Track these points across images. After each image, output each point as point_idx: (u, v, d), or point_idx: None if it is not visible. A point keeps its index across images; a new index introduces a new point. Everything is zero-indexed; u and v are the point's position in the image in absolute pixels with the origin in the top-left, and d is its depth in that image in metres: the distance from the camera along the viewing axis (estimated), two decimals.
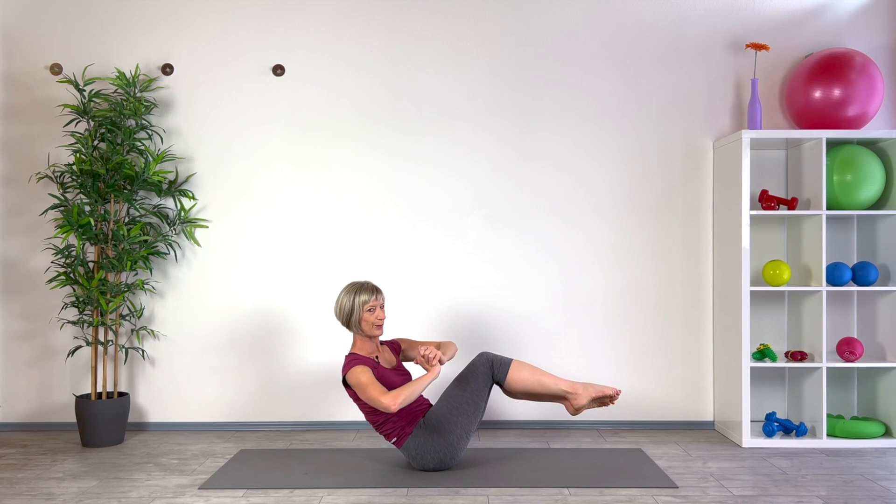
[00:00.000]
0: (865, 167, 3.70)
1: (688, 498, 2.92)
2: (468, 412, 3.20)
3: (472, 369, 3.25)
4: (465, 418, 3.19)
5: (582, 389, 3.30)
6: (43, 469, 3.36)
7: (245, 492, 3.02)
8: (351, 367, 3.16)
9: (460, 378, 3.27)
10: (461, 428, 3.19)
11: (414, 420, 3.22)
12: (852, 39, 4.05)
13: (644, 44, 4.07)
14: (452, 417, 3.18)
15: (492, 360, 3.26)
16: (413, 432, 3.20)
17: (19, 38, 4.07)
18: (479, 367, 3.25)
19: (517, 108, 4.06)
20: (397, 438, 3.21)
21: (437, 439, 3.17)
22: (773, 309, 4.04)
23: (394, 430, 3.21)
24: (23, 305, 4.06)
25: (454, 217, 4.06)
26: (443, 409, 3.21)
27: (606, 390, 3.31)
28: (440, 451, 3.18)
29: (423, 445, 3.18)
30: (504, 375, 3.24)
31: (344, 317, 3.30)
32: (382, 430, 3.24)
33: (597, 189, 4.06)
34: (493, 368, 3.25)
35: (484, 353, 3.30)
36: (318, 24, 4.07)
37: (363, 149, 4.06)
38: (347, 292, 3.30)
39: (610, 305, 4.05)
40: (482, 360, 3.27)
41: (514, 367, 3.25)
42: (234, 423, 4.05)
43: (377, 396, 3.02)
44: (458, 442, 3.20)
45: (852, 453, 3.55)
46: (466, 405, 3.20)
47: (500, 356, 3.29)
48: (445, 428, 3.18)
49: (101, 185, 3.80)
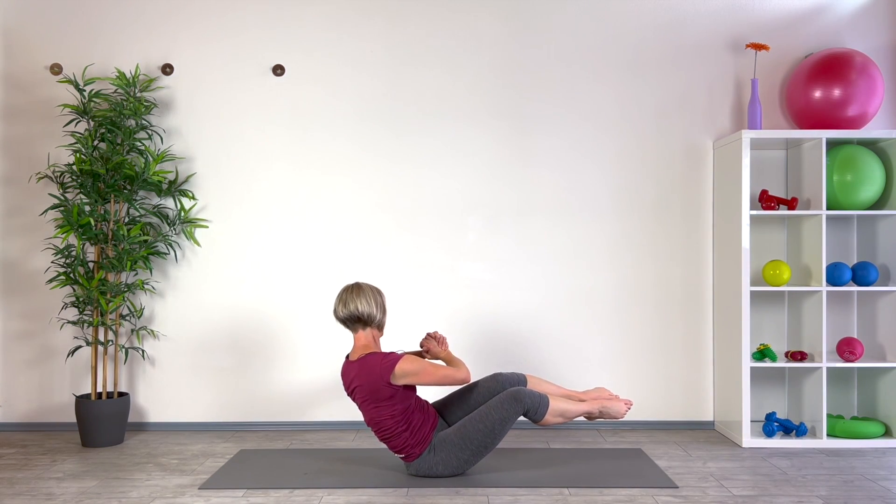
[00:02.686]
0: (865, 167, 3.70)
1: (688, 498, 2.92)
2: (484, 453, 3.14)
3: (503, 417, 3.07)
4: (480, 457, 3.15)
5: (599, 414, 3.32)
6: (43, 469, 3.36)
7: (245, 492, 3.02)
8: (395, 361, 3.02)
9: (487, 420, 3.08)
10: (471, 463, 3.15)
11: (425, 441, 3.11)
12: (852, 39, 4.05)
13: (644, 44, 4.07)
14: (466, 456, 3.11)
15: (527, 407, 3.10)
16: (422, 455, 3.12)
17: (19, 38, 4.07)
18: (513, 414, 3.08)
19: (517, 108, 4.06)
20: (405, 455, 3.15)
21: (443, 469, 3.13)
22: (773, 309, 4.03)
23: (403, 448, 3.12)
24: (23, 305, 4.06)
25: (454, 218, 4.06)
26: (460, 446, 3.10)
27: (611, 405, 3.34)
28: (444, 475, 3.15)
29: (428, 468, 3.13)
30: (538, 420, 3.15)
31: (380, 313, 3.17)
32: (390, 444, 3.14)
33: (596, 189, 4.06)
34: (528, 414, 3.13)
35: (519, 397, 3.10)
36: (318, 25, 4.07)
37: (363, 149, 4.06)
38: (378, 292, 3.18)
39: (610, 306, 4.05)
40: (517, 408, 3.09)
41: (549, 416, 3.13)
42: (234, 423, 4.05)
43: (451, 373, 3.07)
44: (466, 470, 3.18)
45: (852, 453, 3.55)
46: (485, 448, 3.12)
47: (536, 400, 3.11)
48: (458, 465, 3.12)
49: (101, 185, 3.80)
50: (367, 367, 3.06)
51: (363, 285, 3.18)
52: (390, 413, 3.07)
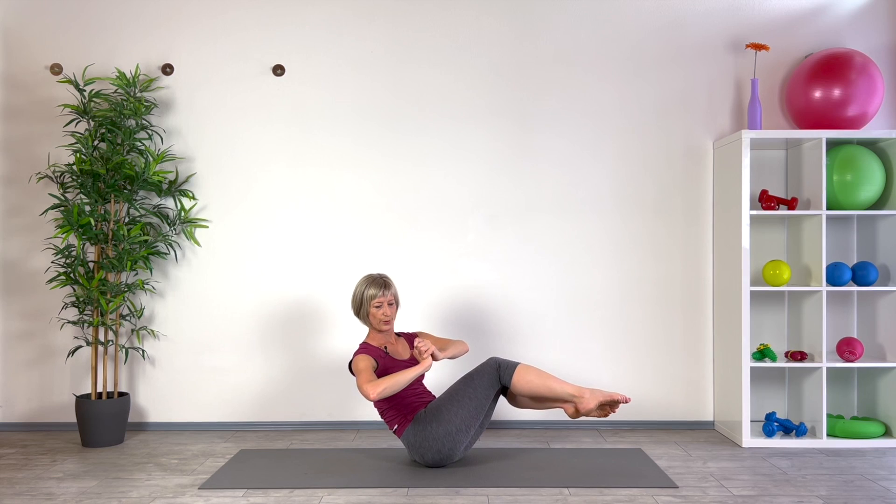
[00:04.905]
0: (865, 167, 3.70)
1: (688, 498, 2.92)
2: (469, 406, 3.21)
3: (479, 370, 3.29)
4: (466, 411, 3.20)
5: (589, 394, 3.20)
6: (43, 469, 3.36)
7: (245, 492, 3.02)
8: (356, 355, 3.27)
9: (466, 376, 3.31)
10: (460, 419, 3.19)
11: (415, 409, 3.29)
12: (852, 39, 4.05)
13: (644, 44, 4.07)
14: (452, 408, 3.21)
15: (499, 362, 3.28)
16: (413, 420, 3.26)
17: (19, 38, 4.07)
18: (486, 367, 3.28)
19: (517, 107, 4.06)
20: (398, 426, 3.29)
21: (434, 428, 3.20)
22: (773, 309, 4.04)
23: (395, 418, 3.30)
24: (23, 305, 4.06)
25: (454, 217, 4.06)
26: (443, 399, 3.26)
27: (615, 395, 3.21)
28: (438, 442, 3.19)
29: (421, 434, 3.22)
30: (510, 377, 3.22)
31: (354, 307, 3.43)
32: (385, 417, 3.33)
33: (597, 189, 4.06)
34: (500, 371, 3.25)
35: (493, 357, 3.35)
36: (318, 25, 4.07)
37: (363, 148, 4.06)
38: (360, 284, 3.41)
39: (610, 305, 4.05)
40: (490, 362, 3.29)
41: (521, 369, 3.24)
42: (234, 423, 4.05)
43: (361, 384, 3.11)
44: (458, 434, 3.20)
45: (852, 453, 3.55)
46: (468, 400, 3.22)
47: (508, 360, 3.30)
48: (444, 418, 3.20)
49: (102, 185, 3.80)
50: (354, 353, 3.34)
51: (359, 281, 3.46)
52: None
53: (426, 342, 3.24)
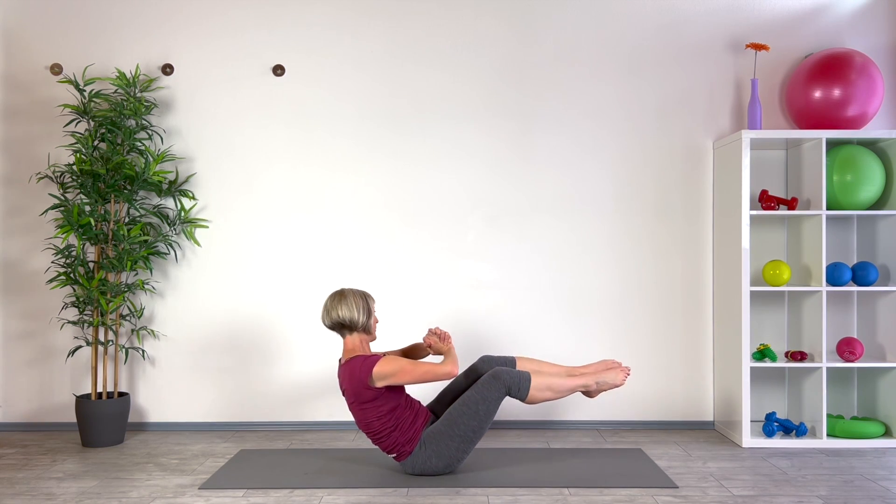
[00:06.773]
0: (865, 167, 3.70)
1: (688, 498, 2.92)
2: (474, 439, 3.14)
3: (485, 396, 3.09)
4: (471, 444, 3.15)
5: (596, 386, 3.29)
6: (43, 469, 3.36)
7: (245, 492, 3.02)
8: (373, 364, 3.04)
9: (470, 403, 3.10)
10: (464, 452, 3.15)
11: (414, 438, 3.12)
12: (852, 39, 4.05)
13: (644, 44, 4.07)
14: (457, 444, 3.11)
15: (508, 385, 3.10)
16: (413, 452, 3.13)
17: (19, 38, 4.07)
18: (494, 393, 3.10)
19: (517, 108, 4.06)
20: (397, 454, 3.16)
21: (437, 462, 3.13)
22: (773, 309, 4.04)
23: (394, 447, 3.13)
24: (23, 305, 4.06)
25: (454, 217, 4.06)
26: (449, 434, 3.11)
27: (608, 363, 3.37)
28: (440, 469, 3.16)
29: (422, 464, 3.14)
30: (524, 395, 3.13)
31: (363, 317, 3.17)
32: (381, 445, 3.15)
33: (597, 189, 4.06)
34: (510, 392, 3.12)
35: (498, 375, 3.12)
36: (318, 25, 4.07)
37: (363, 149, 4.06)
38: (361, 296, 3.20)
39: (610, 305, 4.05)
40: (497, 386, 3.10)
41: (534, 391, 3.13)
42: (234, 423, 4.05)
43: (432, 368, 3.06)
44: (461, 460, 3.17)
45: (852, 453, 3.55)
46: (474, 434, 3.12)
47: (516, 377, 3.11)
48: (452, 455, 3.13)
49: (102, 185, 3.80)
50: (350, 370, 3.10)
51: (346, 292, 3.21)
52: (376, 414, 3.09)
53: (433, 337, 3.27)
